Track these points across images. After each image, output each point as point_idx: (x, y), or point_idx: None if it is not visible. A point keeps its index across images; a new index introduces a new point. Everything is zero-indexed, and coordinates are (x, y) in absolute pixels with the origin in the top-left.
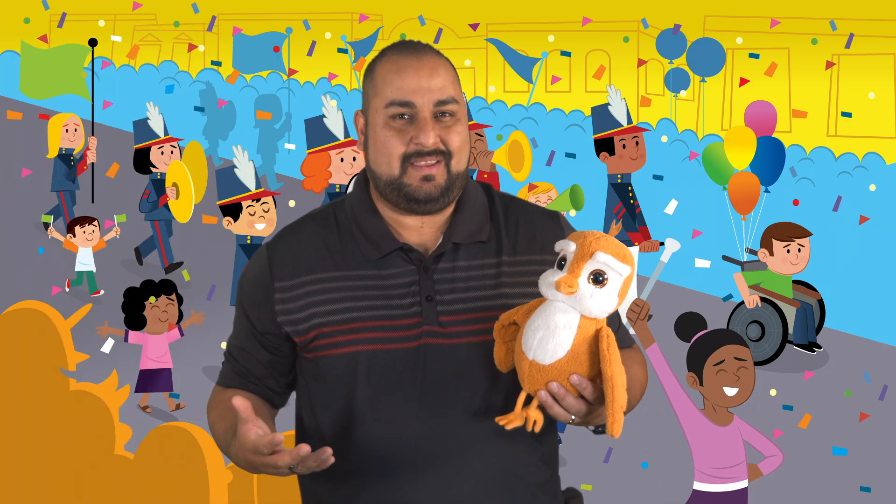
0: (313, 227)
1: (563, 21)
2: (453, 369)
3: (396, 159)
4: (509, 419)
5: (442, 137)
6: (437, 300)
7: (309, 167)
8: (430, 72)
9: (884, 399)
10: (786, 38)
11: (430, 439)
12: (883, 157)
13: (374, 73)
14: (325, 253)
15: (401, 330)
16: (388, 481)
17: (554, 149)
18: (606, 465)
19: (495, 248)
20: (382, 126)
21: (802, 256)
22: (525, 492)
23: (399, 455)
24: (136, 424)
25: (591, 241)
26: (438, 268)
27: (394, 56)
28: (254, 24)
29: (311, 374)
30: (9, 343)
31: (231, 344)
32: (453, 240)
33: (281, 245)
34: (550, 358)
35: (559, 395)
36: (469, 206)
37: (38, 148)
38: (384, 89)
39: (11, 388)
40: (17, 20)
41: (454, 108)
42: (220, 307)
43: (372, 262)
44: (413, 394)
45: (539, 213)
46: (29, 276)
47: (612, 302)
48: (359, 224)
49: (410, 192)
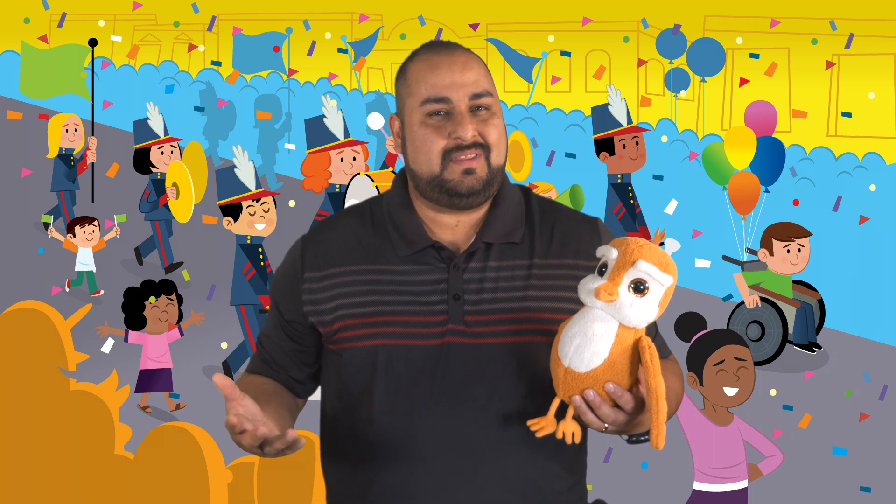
0: (348, 221)
1: (563, 21)
2: (474, 369)
3: (437, 155)
4: (541, 425)
5: (479, 131)
6: (464, 299)
7: (309, 167)
8: (462, 66)
9: (884, 399)
10: (786, 38)
11: (446, 437)
12: (883, 157)
13: (407, 73)
14: (356, 246)
15: (425, 326)
16: (402, 475)
17: (554, 149)
18: (606, 465)
19: (528, 250)
20: (420, 125)
21: (802, 256)
22: (541, 499)
23: (414, 449)
24: (136, 424)
25: (634, 249)
26: (469, 267)
27: (425, 55)
28: (254, 24)
29: (333, 364)
30: (9, 343)
31: (261, 332)
32: (485, 239)
33: (315, 237)
34: (587, 366)
35: (595, 404)
36: (504, 207)
37: (38, 148)
38: (418, 88)
39: (11, 388)
40: (17, 20)
41: (489, 101)
42: (220, 307)
43: (403, 258)
44: (432, 390)
45: (577, 217)
46: (29, 276)
47: (652, 312)
48: (393, 220)
49: (453, 187)
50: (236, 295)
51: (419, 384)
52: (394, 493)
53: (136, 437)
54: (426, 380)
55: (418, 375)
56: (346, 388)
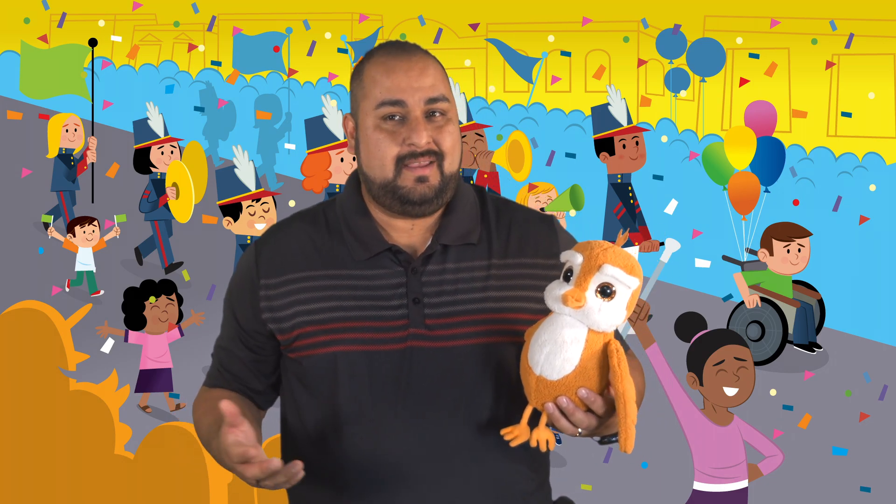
0: (302, 226)
1: (563, 21)
2: (439, 373)
3: (390, 161)
4: (515, 433)
5: (434, 138)
6: (424, 303)
7: (309, 167)
8: (419, 71)
9: (884, 399)
10: (786, 38)
11: (414, 443)
12: (883, 157)
13: (363, 74)
14: (312, 251)
15: (387, 332)
16: (371, 485)
17: (554, 149)
18: (606, 465)
19: (486, 250)
20: (374, 128)
21: (802, 256)
22: (511, 500)
23: (381, 457)
24: (136, 424)
25: (599, 253)
26: (427, 270)
27: (382, 57)
28: (254, 24)
29: (294, 374)
30: (9, 343)
31: (217, 344)
32: (442, 241)
33: (269, 242)
34: (558, 374)
35: (568, 411)
36: (459, 208)
37: (38, 148)
38: (373, 90)
39: (11, 388)
40: (17, 20)
41: (445, 106)
42: (220, 307)
43: (360, 262)
44: (397, 396)
45: (533, 216)
46: (29, 276)
47: (620, 315)
48: (348, 224)
49: (405, 194)
50: None
51: (384, 390)
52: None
53: (136, 437)
54: (391, 386)
55: (383, 381)
56: (307, 398)
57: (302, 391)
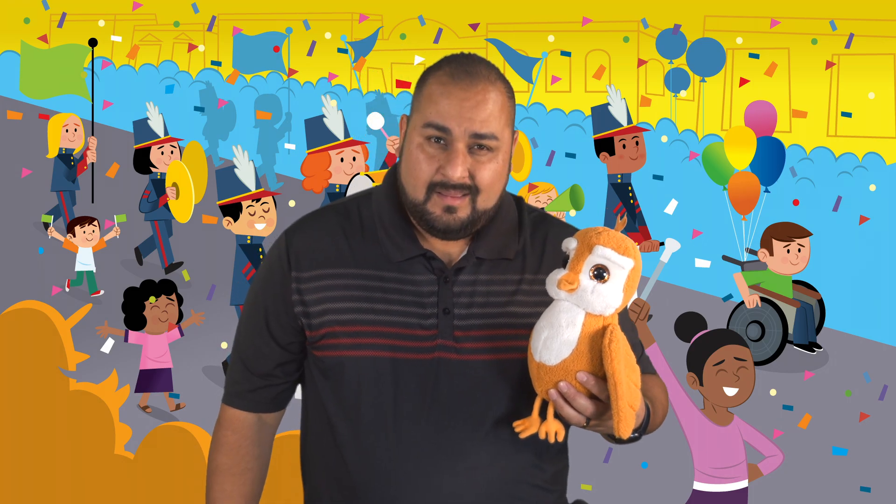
0: (336, 220)
1: (563, 21)
2: (465, 387)
3: (423, 185)
4: (525, 425)
5: (472, 171)
6: (454, 314)
7: (309, 167)
8: (475, 103)
9: (884, 399)
10: (786, 38)
11: (434, 454)
12: (883, 157)
13: (424, 86)
14: (345, 248)
15: (415, 340)
16: (389, 490)
17: (554, 149)
18: (606, 465)
19: (520, 265)
20: (417, 146)
21: (802, 256)
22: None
23: (401, 465)
24: (136, 424)
25: (592, 236)
26: (459, 280)
27: (445, 76)
28: (254, 24)
29: (319, 371)
30: (9, 343)
31: (236, 349)
32: (478, 255)
33: (300, 234)
34: (556, 358)
35: (569, 396)
36: (499, 223)
37: (38, 148)
38: (426, 108)
39: (11, 388)
40: (17, 20)
41: (493, 143)
42: (220, 307)
43: (393, 264)
44: (423, 407)
45: (568, 231)
46: (29, 276)
47: (616, 297)
48: (384, 223)
49: (431, 220)
50: (236, 295)
51: (410, 400)
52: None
53: (136, 437)
54: (416, 396)
55: (408, 391)
56: (330, 397)
57: (326, 390)
